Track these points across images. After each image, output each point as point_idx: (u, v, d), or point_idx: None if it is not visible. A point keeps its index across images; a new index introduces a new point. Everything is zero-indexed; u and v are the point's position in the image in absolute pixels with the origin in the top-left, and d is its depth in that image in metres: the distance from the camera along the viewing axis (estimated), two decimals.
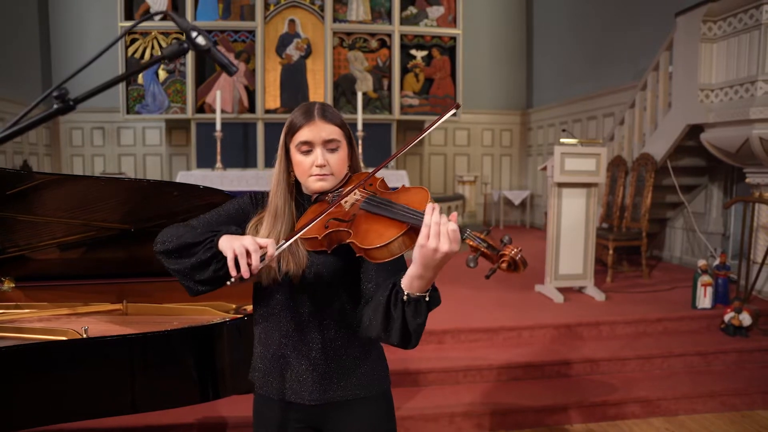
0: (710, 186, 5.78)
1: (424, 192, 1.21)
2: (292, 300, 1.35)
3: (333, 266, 1.33)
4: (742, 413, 3.33)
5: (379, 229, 1.16)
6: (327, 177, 1.31)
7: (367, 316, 1.24)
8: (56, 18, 8.35)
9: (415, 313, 1.14)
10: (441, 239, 1.05)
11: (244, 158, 7.48)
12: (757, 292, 4.51)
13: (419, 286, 1.11)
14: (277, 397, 1.39)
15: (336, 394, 1.36)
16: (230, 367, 1.97)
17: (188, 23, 0.77)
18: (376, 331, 1.20)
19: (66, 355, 1.74)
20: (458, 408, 3.10)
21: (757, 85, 4.31)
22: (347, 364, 1.37)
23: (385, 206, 1.18)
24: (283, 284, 1.34)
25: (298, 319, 1.35)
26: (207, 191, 2.09)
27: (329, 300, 1.35)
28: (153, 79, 7.43)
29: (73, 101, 0.69)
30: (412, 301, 1.13)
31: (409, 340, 1.18)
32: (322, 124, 1.31)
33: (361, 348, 1.39)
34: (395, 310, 1.16)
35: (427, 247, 1.05)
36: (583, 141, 4.73)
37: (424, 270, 1.09)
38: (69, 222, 2.20)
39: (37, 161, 7.90)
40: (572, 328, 3.90)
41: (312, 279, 1.33)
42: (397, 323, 1.16)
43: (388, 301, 1.17)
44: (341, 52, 7.66)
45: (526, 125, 9.68)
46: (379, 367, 1.43)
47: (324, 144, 1.31)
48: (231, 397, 2.06)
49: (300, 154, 1.32)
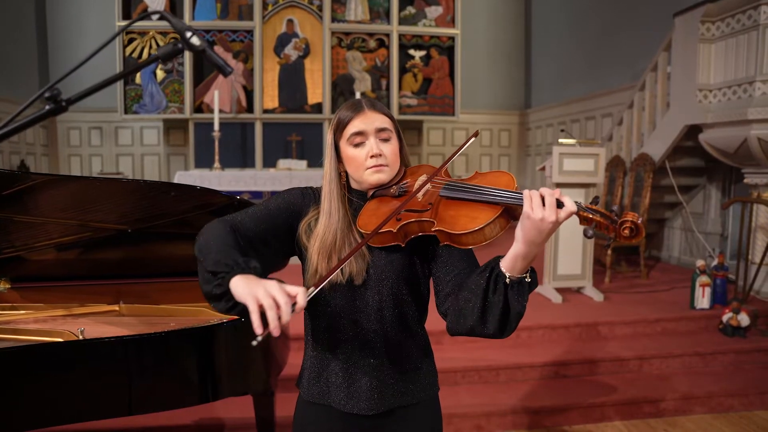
0: (708, 186, 5.78)
1: (507, 175, 1.15)
2: (351, 301, 1.27)
3: (397, 263, 1.25)
4: (740, 414, 3.33)
5: (469, 213, 1.09)
6: (384, 168, 1.24)
7: (455, 309, 1.16)
8: (54, 17, 8.32)
9: (519, 296, 1.09)
10: (547, 210, 1.02)
11: (242, 158, 7.47)
12: (755, 293, 4.50)
13: (522, 266, 1.07)
14: (328, 404, 1.31)
15: (394, 401, 1.30)
16: (227, 368, 1.96)
17: (183, 24, 0.76)
18: (471, 321, 1.13)
19: (62, 356, 1.73)
20: (456, 409, 3.10)
21: (755, 86, 4.31)
22: (406, 370, 1.31)
23: (471, 190, 1.12)
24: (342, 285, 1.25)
25: (357, 321, 1.27)
26: (204, 192, 2.09)
27: (391, 300, 1.27)
28: (151, 78, 7.42)
29: (66, 102, 0.68)
30: (515, 283, 1.08)
31: (506, 327, 1.12)
32: (372, 113, 1.25)
33: (420, 351, 1.34)
34: (495, 296, 1.09)
35: (533, 217, 1.01)
36: (582, 141, 4.73)
37: (529, 247, 1.04)
38: (65, 223, 2.19)
39: (35, 161, 7.88)
40: (570, 328, 3.89)
41: (375, 278, 1.25)
42: (496, 310, 1.09)
43: (486, 288, 1.10)
44: (339, 52, 7.65)
45: (524, 125, 9.67)
46: (432, 371, 1.38)
47: (377, 133, 1.25)
48: (228, 399, 2.05)
49: (352, 147, 1.25)
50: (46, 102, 0.69)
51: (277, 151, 7.40)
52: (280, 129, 7.44)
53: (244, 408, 2.70)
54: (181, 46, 0.75)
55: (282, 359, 2.28)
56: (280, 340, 2.22)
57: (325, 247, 1.24)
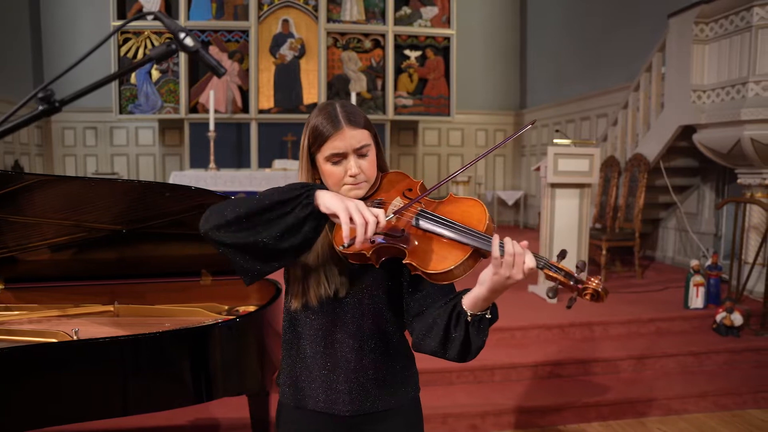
0: (702, 187, 5.80)
1: (480, 206, 1.15)
2: (332, 311, 1.29)
3: (377, 275, 1.28)
4: (734, 413, 3.34)
5: (439, 250, 1.11)
6: (361, 184, 1.24)
7: (419, 331, 1.23)
8: (48, 17, 8.29)
9: (479, 332, 1.15)
10: (515, 269, 1.05)
11: (238, 158, 7.46)
12: (748, 293, 4.53)
13: (483, 306, 1.13)
14: (308, 407, 1.33)
15: (373, 405, 1.32)
16: (222, 368, 1.96)
17: (176, 24, 0.76)
18: (432, 348, 1.20)
19: (56, 357, 1.72)
20: (451, 409, 3.10)
21: (748, 87, 4.33)
22: (384, 375, 1.33)
23: (444, 224, 1.13)
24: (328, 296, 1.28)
25: (336, 328, 1.30)
26: (199, 192, 2.08)
27: (370, 311, 1.30)
28: (146, 79, 7.40)
29: (59, 102, 0.68)
30: (476, 320, 1.14)
31: (467, 357, 1.19)
32: (351, 131, 1.21)
33: (400, 356, 1.36)
34: (457, 330, 1.16)
35: (501, 275, 1.06)
36: (577, 141, 4.74)
37: (493, 294, 1.10)
38: (60, 223, 2.18)
39: (29, 161, 7.84)
40: (565, 328, 3.91)
41: (355, 289, 1.28)
42: (457, 342, 1.16)
43: (448, 322, 1.17)
44: (335, 52, 7.65)
45: (519, 125, 9.69)
46: (413, 375, 1.41)
47: (356, 151, 1.22)
48: (223, 399, 2.05)
49: (330, 164, 1.22)
50: (40, 102, 0.69)
51: (272, 151, 7.39)
52: (275, 129, 7.43)
53: (239, 408, 2.70)
54: (174, 46, 0.75)
55: (277, 359, 2.28)
56: (274, 340, 2.22)
57: (311, 260, 1.26)
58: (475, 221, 1.12)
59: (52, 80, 0.71)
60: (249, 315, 2.05)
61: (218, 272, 2.47)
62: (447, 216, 1.14)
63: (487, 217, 1.12)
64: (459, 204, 1.18)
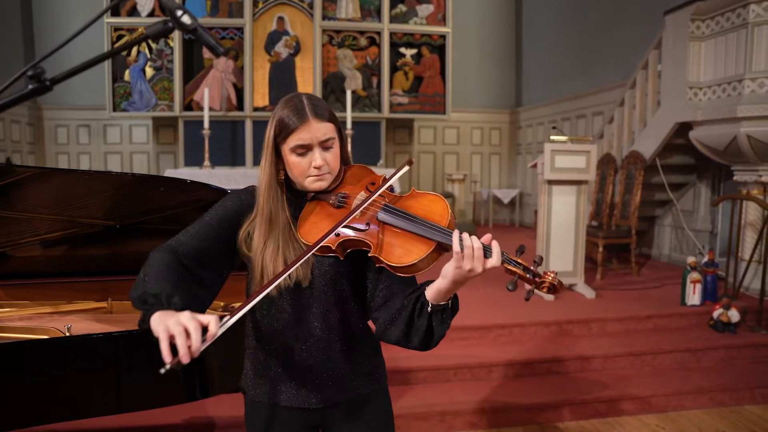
0: (698, 184, 5.81)
1: (442, 201, 1.19)
2: (296, 303, 1.29)
3: (341, 266, 1.28)
4: (731, 408, 3.34)
5: (404, 244, 1.15)
6: (325, 176, 1.27)
7: (384, 321, 1.25)
8: (40, 10, 8.22)
9: (441, 321, 1.18)
10: (475, 262, 1.10)
11: (233, 156, 7.42)
12: (744, 289, 4.53)
13: (444, 298, 1.16)
14: (274, 401, 1.34)
15: (339, 396, 1.33)
16: (218, 365, 1.93)
17: (173, 2, 0.73)
18: (396, 337, 1.23)
19: (47, 353, 1.69)
20: (449, 406, 3.08)
21: (744, 84, 4.33)
22: (351, 365, 1.34)
23: (408, 219, 1.17)
24: (289, 288, 1.28)
25: (301, 320, 1.30)
26: (194, 186, 2.05)
27: (335, 301, 1.30)
28: (140, 76, 7.34)
29: (50, 81, 0.65)
30: (439, 310, 1.17)
31: (429, 346, 1.22)
32: (316, 123, 1.24)
33: (366, 346, 1.38)
34: (420, 320, 1.19)
35: (463, 268, 1.10)
36: (573, 138, 4.73)
37: (454, 285, 1.13)
38: (52, 218, 2.14)
39: (21, 159, 7.77)
40: (563, 325, 3.90)
41: (319, 280, 1.29)
42: (420, 331, 1.19)
43: (412, 313, 1.20)
44: (330, 49, 7.61)
45: (515, 124, 9.69)
46: (379, 366, 1.42)
47: (321, 143, 1.25)
48: (219, 397, 2.02)
49: (295, 156, 1.25)
50: (30, 81, 0.66)
51: None
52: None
53: (235, 406, 2.66)
54: (171, 24, 0.72)
55: None
56: None
57: (269, 255, 1.26)
58: (438, 216, 1.17)
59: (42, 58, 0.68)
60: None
61: None
62: (410, 210, 1.19)
63: (449, 212, 1.17)
64: (421, 199, 1.22)
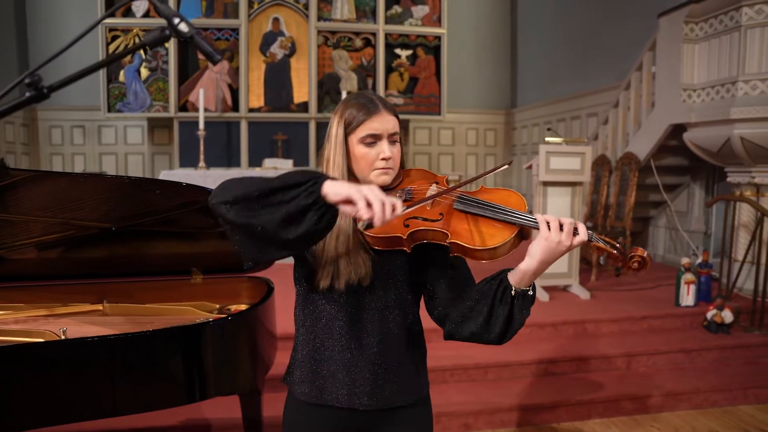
0: (692, 185, 5.84)
1: (516, 194, 1.22)
2: (355, 301, 1.27)
3: (402, 265, 1.28)
4: (724, 409, 3.36)
5: (486, 230, 1.15)
6: (390, 171, 1.26)
7: (456, 317, 1.24)
8: (34, 12, 8.18)
9: (522, 307, 1.18)
10: (564, 236, 1.12)
11: (228, 157, 7.40)
12: (738, 290, 4.56)
13: (528, 281, 1.17)
14: (328, 403, 1.30)
15: (393, 399, 1.31)
16: (214, 367, 1.93)
17: (170, 9, 0.73)
18: (474, 328, 1.22)
19: (43, 356, 1.69)
20: (445, 407, 3.09)
21: (737, 86, 4.36)
22: (406, 368, 1.32)
23: (488, 207, 1.17)
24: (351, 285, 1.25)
25: (357, 321, 1.27)
26: (190, 189, 2.05)
27: (395, 301, 1.29)
28: (135, 77, 7.32)
29: (48, 89, 0.66)
30: (520, 295, 1.17)
31: (507, 336, 1.21)
32: (387, 115, 1.25)
33: (418, 350, 1.37)
34: (501, 306, 1.18)
35: (551, 239, 1.11)
36: (568, 140, 4.75)
37: (541, 265, 1.14)
38: (47, 221, 2.14)
39: (15, 160, 7.73)
40: (558, 326, 3.91)
41: (380, 279, 1.27)
42: (501, 319, 1.19)
43: (494, 299, 1.19)
44: (326, 50, 7.61)
45: (510, 125, 9.71)
46: (425, 371, 1.40)
47: (390, 136, 1.25)
48: (215, 399, 2.02)
49: (364, 146, 1.24)
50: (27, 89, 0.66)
51: (262, 150, 7.34)
52: (265, 128, 7.38)
53: (231, 408, 2.66)
54: (168, 32, 0.73)
55: (269, 358, 2.25)
56: (266, 339, 2.20)
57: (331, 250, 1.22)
58: (515, 205, 1.19)
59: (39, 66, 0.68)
60: (241, 313, 2.03)
61: (209, 271, 2.43)
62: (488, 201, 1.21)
63: (525, 203, 1.19)
64: (495, 192, 1.24)
